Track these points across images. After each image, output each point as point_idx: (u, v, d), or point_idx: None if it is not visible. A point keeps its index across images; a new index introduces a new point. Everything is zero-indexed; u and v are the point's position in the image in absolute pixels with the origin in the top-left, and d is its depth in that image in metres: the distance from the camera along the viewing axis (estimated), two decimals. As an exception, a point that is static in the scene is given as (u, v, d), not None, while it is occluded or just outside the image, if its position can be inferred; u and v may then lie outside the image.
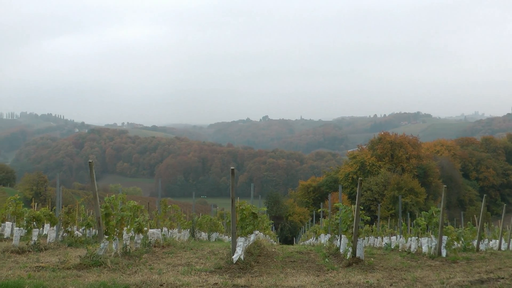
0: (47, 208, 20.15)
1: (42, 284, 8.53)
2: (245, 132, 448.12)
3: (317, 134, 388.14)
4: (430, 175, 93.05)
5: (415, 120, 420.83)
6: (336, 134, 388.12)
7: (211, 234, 29.17)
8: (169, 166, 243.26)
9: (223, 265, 11.67)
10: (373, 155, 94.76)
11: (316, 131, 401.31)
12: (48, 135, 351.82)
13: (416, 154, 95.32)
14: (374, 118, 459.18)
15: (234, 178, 12.26)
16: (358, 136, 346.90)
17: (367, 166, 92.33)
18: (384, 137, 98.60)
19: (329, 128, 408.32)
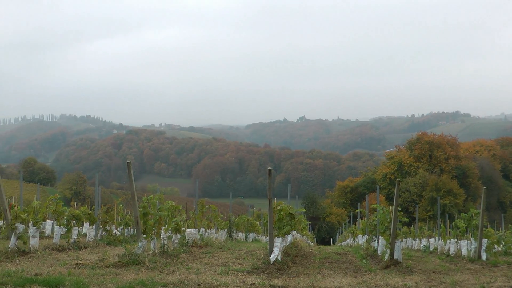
0: (86, 207, 20.43)
1: (82, 281, 8.64)
2: (282, 132, 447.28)
3: (354, 135, 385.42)
4: (469, 176, 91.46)
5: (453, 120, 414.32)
6: (373, 134, 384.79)
7: (248, 234, 29.21)
8: (206, 166, 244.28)
9: (260, 266, 11.66)
10: (411, 156, 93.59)
11: (353, 131, 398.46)
12: (87, 136, 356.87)
13: (454, 155, 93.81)
14: (412, 118, 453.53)
15: (271, 179, 12.25)
16: (395, 136, 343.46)
17: (405, 167, 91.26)
18: (422, 137, 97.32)
19: (366, 128, 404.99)
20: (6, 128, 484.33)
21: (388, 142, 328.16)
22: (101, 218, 19.49)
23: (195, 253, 14.44)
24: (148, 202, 13.56)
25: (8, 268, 10.12)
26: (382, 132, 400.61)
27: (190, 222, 19.74)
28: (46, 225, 23.11)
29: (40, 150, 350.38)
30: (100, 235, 19.52)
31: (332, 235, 78.62)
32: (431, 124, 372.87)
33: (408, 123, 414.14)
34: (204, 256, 13.90)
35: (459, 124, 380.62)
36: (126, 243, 14.32)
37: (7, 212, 13.93)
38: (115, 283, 8.68)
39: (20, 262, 11.29)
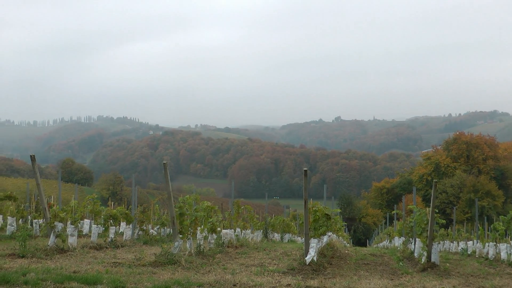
0: (123, 207, 20.65)
1: (119, 279, 8.73)
2: (318, 133, 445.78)
3: (390, 135, 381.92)
4: (509, 177, 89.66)
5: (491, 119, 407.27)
6: (409, 135, 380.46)
7: (283, 235, 29.18)
8: (242, 167, 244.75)
9: (296, 266, 11.64)
10: (448, 156, 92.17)
11: (389, 131, 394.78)
12: (123, 137, 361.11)
13: (493, 155, 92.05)
14: (449, 118, 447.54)
15: (307, 179, 12.22)
16: (432, 137, 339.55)
17: (442, 168, 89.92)
18: (459, 137, 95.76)
19: (403, 129, 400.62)
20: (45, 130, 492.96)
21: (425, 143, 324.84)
22: (138, 218, 19.68)
23: (231, 254, 14.48)
24: (184, 202, 13.64)
25: (48, 265, 10.32)
26: (418, 132, 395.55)
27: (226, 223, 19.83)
28: (84, 224, 23.45)
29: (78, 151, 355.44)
30: (137, 235, 19.71)
31: (368, 236, 78.11)
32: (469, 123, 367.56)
33: (445, 123, 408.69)
34: (240, 257, 13.92)
35: (498, 124, 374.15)
36: (163, 243, 14.41)
37: (46, 211, 14.16)
38: (152, 282, 8.75)
39: (59, 260, 11.48)
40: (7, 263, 10.36)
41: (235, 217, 21.32)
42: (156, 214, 26.57)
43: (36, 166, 14.29)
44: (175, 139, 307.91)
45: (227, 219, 20.79)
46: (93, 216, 20.37)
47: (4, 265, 10.03)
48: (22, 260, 11.00)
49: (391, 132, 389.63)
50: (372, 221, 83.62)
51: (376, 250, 22.37)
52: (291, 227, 31.43)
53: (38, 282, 8.10)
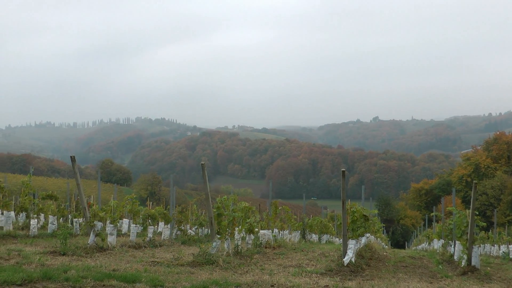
0: (161, 207, 20.82)
1: (157, 278, 8.80)
2: (355, 133, 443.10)
3: (428, 135, 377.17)
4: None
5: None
6: (448, 135, 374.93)
7: (321, 236, 29.05)
8: (279, 167, 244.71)
9: (334, 268, 11.57)
10: (488, 157, 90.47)
11: (428, 131, 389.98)
12: (161, 139, 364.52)
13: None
14: (489, 117, 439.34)
15: (344, 180, 12.15)
16: (472, 137, 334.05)
17: (482, 169, 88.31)
18: (500, 137, 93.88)
19: (441, 129, 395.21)
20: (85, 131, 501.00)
21: (464, 143, 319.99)
22: (176, 218, 19.81)
23: (269, 254, 14.47)
24: (222, 203, 13.68)
25: (88, 263, 10.47)
26: (457, 132, 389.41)
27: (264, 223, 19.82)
28: (123, 223, 23.74)
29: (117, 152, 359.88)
30: (175, 234, 19.84)
31: (406, 238, 77.25)
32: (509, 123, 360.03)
33: (485, 123, 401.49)
34: (278, 257, 13.90)
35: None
36: (201, 243, 14.48)
37: (86, 210, 14.36)
38: (190, 282, 8.80)
39: (99, 258, 11.63)
40: (49, 260, 10.55)
41: (273, 217, 21.30)
42: (194, 214, 26.71)
43: (76, 167, 14.50)
44: (212, 140, 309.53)
45: (265, 220, 20.79)
46: (132, 216, 20.55)
47: (46, 262, 10.22)
48: (63, 258, 11.18)
49: (429, 132, 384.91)
50: (410, 223, 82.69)
51: (415, 252, 22.10)
52: (329, 228, 31.27)
53: (78, 279, 8.23)
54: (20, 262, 10.01)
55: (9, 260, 10.41)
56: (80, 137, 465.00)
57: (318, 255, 14.88)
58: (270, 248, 15.96)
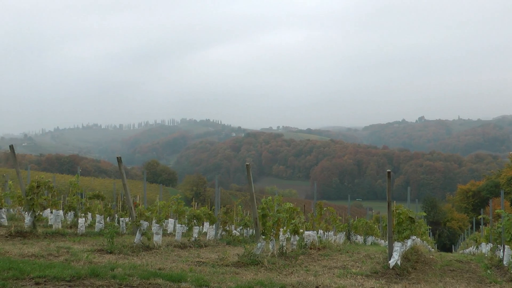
0: (206, 207, 20.95)
1: (202, 278, 8.84)
2: (401, 133, 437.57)
3: (476, 135, 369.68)
4: None
5: None
6: (496, 135, 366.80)
7: (366, 237, 28.84)
8: (324, 168, 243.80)
9: (379, 270, 11.46)
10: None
11: (475, 131, 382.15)
12: (206, 140, 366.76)
13: None
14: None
15: (390, 181, 12.02)
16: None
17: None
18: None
19: (489, 128, 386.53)
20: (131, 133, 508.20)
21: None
22: (221, 218, 19.89)
23: (314, 255, 14.42)
24: (267, 203, 13.68)
25: (134, 261, 10.63)
26: (506, 132, 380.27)
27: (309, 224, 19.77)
28: (168, 223, 23.97)
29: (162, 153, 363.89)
30: (220, 235, 19.93)
31: (453, 241, 75.97)
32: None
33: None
34: (323, 258, 13.84)
35: None
36: (245, 243, 14.52)
37: (132, 210, 14.54)
38: (235, 282, 8.82)
39: (145, 257, 11.76)
40: (96, 258, 10.73)
41: (318, 218, 21.22)
42: (239, 215, 26.80)
43: (122, 167, 14.69)
44: (257, 141, 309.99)
45: (310, 221, 20.73)
46: (177, 216, 20.74)
47: (94, 260, 10.40)
48: (110, 256, 11.35)
49: (477, 132, 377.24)
50: (457, 225, 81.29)
51: (462, 256, 21.71)
52: (374, 230, 31.03)
53: (125, 277, 8.33)
54: (68, 259, 10.22)
55: (58, 257, 10.64)
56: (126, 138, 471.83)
57: (363, 257, 14.76)
58: (315, 249, 15.91)
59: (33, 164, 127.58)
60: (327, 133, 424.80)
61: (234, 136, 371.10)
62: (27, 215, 15.64)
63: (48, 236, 14.95)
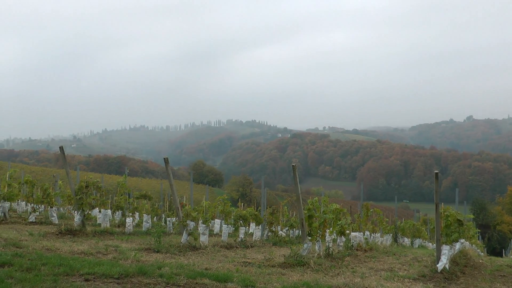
0: (252, 208, 20.99)
1: (249, 279, 8.86)
2: (448, 133, 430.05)
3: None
4: None
5: None
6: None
7: (413, 240, 28.49)
8: (370, 169, 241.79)
9: (427, 273, 11.27)
10: None
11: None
12: (252, 140, 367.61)
13: None
14: None
15: (438, 183, 11.83)
16: None
17: None
18: None
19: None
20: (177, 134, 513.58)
21: None
22: (267, 219, 19.92)
23: (360, 257, 14.30)
24: (313, 204, 13.64)
25: (181, 261, 10.75)
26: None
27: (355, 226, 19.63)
28: (215, 223, 24.13)
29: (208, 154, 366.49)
30: (266, 236, 19.95)
31: (503, 245, 74.29)
32: None
33: None
34: (369, 260, 13.72)
35: None
36: (292, 244, 14.49)
37: (179, 210, 14.68)
38: (281, 283, 8.81)
39: (192, 257, 11.86)
40: (144, 257, 10.89)
41: (364, 220, 21.05)
42: (285, 216, 26.78)
43: (169, 168, 14.85)
44: (303, 141, 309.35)
45: (356, 222, 20.58)
46: (224, 216, 20.87)
47: (141, 258, 10.56)
48: (157, 255, 11.49)
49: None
50: (508, 229, 79.48)
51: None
52: (421, 232, 30.62)
53: (172, 276, 8.42)
54: (117, 257, 10.42)
55: (106, 255, 10.85)
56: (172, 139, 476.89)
57: (410, 259, 14.56)
58: (362, 251, 15.77)
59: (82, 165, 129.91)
60: (374, 133, 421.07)
61: (280, 136, 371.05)
62: (77, 214, 15.95)
63: (97, 235, 15.23)
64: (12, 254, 9.38)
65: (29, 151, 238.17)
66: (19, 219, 19.09)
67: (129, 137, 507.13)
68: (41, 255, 9.71)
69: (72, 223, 16.75)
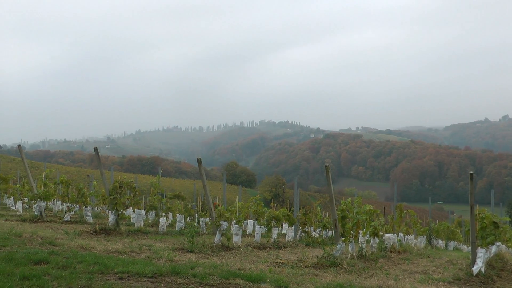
0: (285, 209, 20.98)
1: (282, 279, 8.86)
2: (483, 133, 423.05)
3: None
4: None
5: None
6: None
7: (448, 242, 28.15)
8: (404, 170, 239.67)
9: (462, 277, 11.11)
10: None
11: None
12: (285, 141, 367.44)
13: None
14: None
15: (472, 184, 11.67)
16: None
17: None
18: None
19: None
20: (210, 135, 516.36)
21: None
22: (300, 220, 19.89)
23: (394, 259, 14.19)
24: (346, 205, 13.58)
25: (214, 261, 10.79)
26: None
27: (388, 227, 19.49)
28: (248, 224, 24.19)
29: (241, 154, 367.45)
30: (299, 236, 19.93)
31: (542, 249, 73.00)
32: None
33: None
34: (403, 262, 13.59)
35: None
36: (325, 245, 14.44)
37: (212, 210, 14.74)
38: (314, 284, 8.79)
39: (225, 257, 11.90)
40: (177, 256, 10.97)
41: (398, 221, 20.88)
42: (318, 217, 26.72)
43: (202, 169, 14.92)
44: (336, 142, 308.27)
45: (390, 223, 20.43)
46: (257, 217, 20.91)
47: (175, 258, 10.65)
48: (190, 255, 11.56)
49: None
50: (547, 233, 78.05)
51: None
52: (456, 234, 30.21)
53: (205, 276, 8.47)
54: (150, 257, 10.51)
55: (140, 254, 10.97)
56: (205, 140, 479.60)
57: (445, 262, 14.40)
58: (395, 253, 15.65)
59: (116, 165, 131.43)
60: (407, 133, 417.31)
61: (312, 137, 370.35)
62: (111, 213, 16.14)
63: (131, 234, 15.39)
64: (49, 252, 9.55)
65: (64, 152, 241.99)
66: (55, 218, 19.40)
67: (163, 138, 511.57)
68: (76, 253, 9.86)
69: (106, 222, 16.95)
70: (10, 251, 9.43)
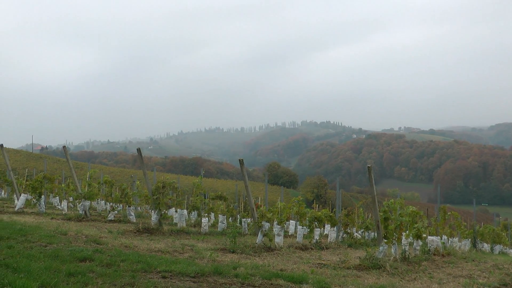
0: (327, 209, 20.90)
1: (324, 280, 8.82)
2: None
3: None
4: None
5: None
6: None
7: (493, 246, 27.66)
8: (447, 171, 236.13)
9: (508, 282, 10.87)
10: None
11: None
12: (327, 142, 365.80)
13: None
14: None
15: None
16: None
17: None
18: None
19: None
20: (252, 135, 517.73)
21: None
22: (342, 221, 19.80)
23: (437, 262, 14.00)
24: (389, 206, 13.45)
25: (256, 262, 10.81)
26: None
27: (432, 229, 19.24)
28: (290, 224, 24.16)
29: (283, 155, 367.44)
30: (341, 237, 19.84)
31: None
32: None
33: None
34: (447, 266, 13.39)
35: None
36: (367, 247, 14.34)
37: (254, 211, 14.77)
38: (356, 285, 8.73)
39: (266, 257, 11.92)
40: (219, 257, 11.03)
41: (441, 223, 20.59)
42: (360, 218, 26.55)
43: (244, 169, 14.95)
44: (378, 142, 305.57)
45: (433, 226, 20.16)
46: (298, 218, 20.89)
47: (217, 258, 10.70)
48: (232, 255, 11.61)
49: None
50: None
51: None
52: (502, 238, 29.66)
53: (247, 276, 8.48)
54: (193, 257, 10.59)
55: (183, 253, 11.07)
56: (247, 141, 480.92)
57: (490, 266, 14.13)
58: (439, 256, 15.44)
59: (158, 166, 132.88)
60: (450, 133, 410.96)
61: (354, 137, 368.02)
62: (154, 213, 16.32)
63: (173, 234, 15.54)
64: (93, 250, 9.70)
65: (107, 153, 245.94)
66: (99, 217, 19.75)
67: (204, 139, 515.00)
68: (120, 251, 10.00)
69: (149, 222, 17.13)
70: (56, 248, 9.61)
